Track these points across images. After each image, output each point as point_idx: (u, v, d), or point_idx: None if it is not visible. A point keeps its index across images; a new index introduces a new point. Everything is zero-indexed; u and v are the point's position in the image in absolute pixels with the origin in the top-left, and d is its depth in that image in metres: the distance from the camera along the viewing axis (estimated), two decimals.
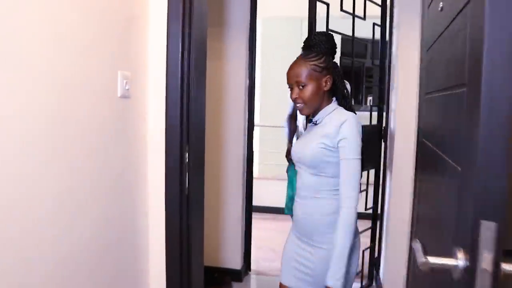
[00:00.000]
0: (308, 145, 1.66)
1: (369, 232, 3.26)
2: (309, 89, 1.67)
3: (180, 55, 1.70)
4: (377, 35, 3.10)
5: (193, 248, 1.87)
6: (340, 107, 1.70)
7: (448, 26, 1.04)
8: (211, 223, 3.37)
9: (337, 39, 1.68)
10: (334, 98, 1.73)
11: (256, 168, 5.71)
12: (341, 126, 1.57)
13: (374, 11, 3.08)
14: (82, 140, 1.36)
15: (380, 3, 3.06)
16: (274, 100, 5.69)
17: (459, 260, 0.77)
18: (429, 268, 0.80)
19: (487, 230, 0.70)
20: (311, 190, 1.69)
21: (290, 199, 3.27)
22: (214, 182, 3.34)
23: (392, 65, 3.06)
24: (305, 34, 2.58)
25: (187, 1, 1.70)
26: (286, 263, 1.82)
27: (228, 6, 3.14)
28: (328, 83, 1.68)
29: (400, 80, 2.80)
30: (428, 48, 1.43)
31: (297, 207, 1.77)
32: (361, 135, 1.60)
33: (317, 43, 1.68)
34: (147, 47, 1.74)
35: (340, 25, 2.74)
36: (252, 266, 3.69)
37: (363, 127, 1.67)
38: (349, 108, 1.73)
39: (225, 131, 3.31)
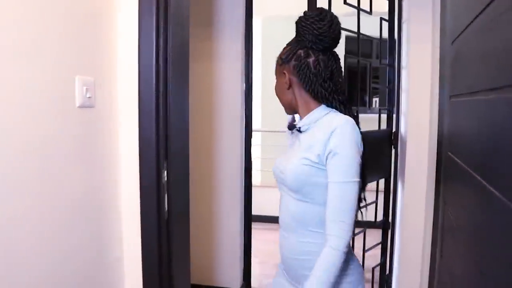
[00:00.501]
0: (290, 161, 1.29)
1: (379, 247, 2.99)
2: (275, 86, 1.42)
3: (154, 56, 1.44)
4: (385, 33, 2.83)
5: (176, 279, 1.61)
6: (336, 111, 1.29)
7: (489, 4, 0.76)
8: (204, 238, 3.12)
9: (341, 37, 1.43)
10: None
11: (258, 176, 5.45)
12: (330, 135, 1.18)
13: (381, 7, 2.82)
14: (28, 161, 1.10)
15: None
16: (277, 103, 5.40)
17: None
18: None
19: None
20: (297, 221, 1.30)
21: None
22: (207, 194, 3.09)
23: (401, 64, 2.81)
24: None
25: None
26: None
27: (219, 2, 2.88)
28: (286, 79, 1.33)
29: (411, 80, 2.53)
30: (453, 39, 1.16)
31: (282, 242, 1.38)
32: (360, 147, 1.21)
33: (299, 27, 1.30)
34: (116, 47, 1.48)
35: (344, 22, 2.48)
36: (253, 284, 3.41)
37: (371, 132, 1.36)
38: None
39: (219, 139, 3.04)
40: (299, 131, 1.33)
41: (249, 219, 3.31)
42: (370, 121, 2.95)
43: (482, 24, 0.84)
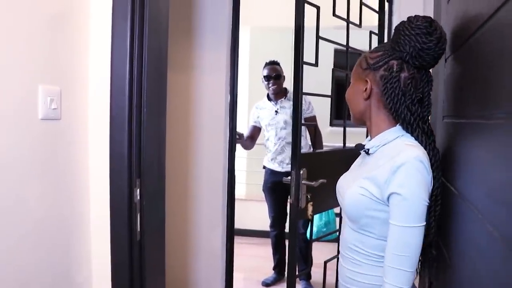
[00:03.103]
0: (350, 186, 1.16)
1: None
2: (349, 89, 1.25)
3: (128, 64, 1.32)
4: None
5: None
6: (408, 137, 1.12)
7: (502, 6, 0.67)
8: (182, 254, 2.98)
9: (330, 50, 1.36)
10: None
11: (243, 189, 5.33)
12: (395, 172, 1.02)
13: (370, 21, 2.78)
14: None
15: (377, 10, 2.74)
16: None
17: None
18: None
19: None
20: (349, 249, 1.19)
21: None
22: (187, 209, 2.96)
23: None
24: None
25: None
26: None
27: (202, 10, 2.78)
28: (366, 89, 1.15)
29: None
30: (451, 53, 1.07)
31: (339, 266, 1.29)
32: (430, 187, 1.06)
33: (400, 35, 1.10)
34: (87, 54, 1.37)
35: (333, 35, 2.42)
36: None
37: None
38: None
39: (200, 153, 2.92)
40: (367, 153, 1.19)
41: (231, 234, 3.18)
42: (358, 135, 2.88)
43: (492, 34, 0.75)
